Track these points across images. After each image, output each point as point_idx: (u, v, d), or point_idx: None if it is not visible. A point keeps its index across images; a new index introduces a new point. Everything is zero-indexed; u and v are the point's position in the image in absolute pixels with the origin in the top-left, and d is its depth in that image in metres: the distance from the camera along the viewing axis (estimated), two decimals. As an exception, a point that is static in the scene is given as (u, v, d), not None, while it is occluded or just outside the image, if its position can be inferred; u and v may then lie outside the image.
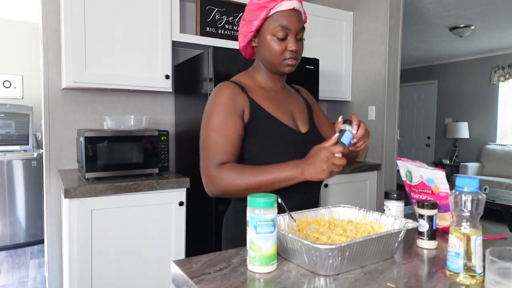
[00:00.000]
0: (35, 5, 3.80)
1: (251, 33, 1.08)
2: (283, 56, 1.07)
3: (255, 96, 1.10)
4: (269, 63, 1.09)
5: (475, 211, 0.75)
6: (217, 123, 1.03)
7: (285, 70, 1.09)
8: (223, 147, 1.01)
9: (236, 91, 1.07)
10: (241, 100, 1.06)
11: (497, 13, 4.19)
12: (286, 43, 1.06)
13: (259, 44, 1.09)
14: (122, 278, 1.92)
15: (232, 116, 1.03)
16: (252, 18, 1.06)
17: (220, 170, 0.99)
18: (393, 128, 2.92)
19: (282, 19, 1.04)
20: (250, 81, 1.14)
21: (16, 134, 3.79)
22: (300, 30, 1.08)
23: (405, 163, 1.15)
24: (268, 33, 1.05)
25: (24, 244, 3.73)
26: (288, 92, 1.21)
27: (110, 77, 2.12)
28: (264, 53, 1.09)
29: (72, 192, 1.75)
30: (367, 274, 0.78)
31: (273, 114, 1.10)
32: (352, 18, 3.11)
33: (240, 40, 1.13)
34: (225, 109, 1.03)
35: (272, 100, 1.13)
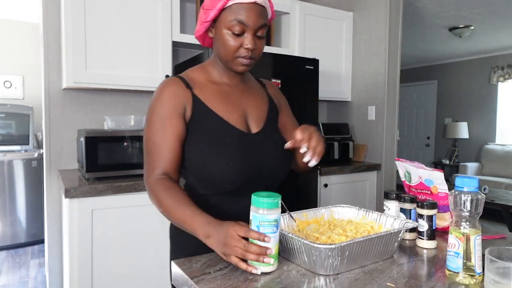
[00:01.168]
0: (36, 5, 3.80)
1: (207, 23, 0.98)
2: (238, 54, 0.97)
3: (202, 92, 1.01)
4: (222, 58, 1.00)
5: (475, 211, 0.75)
6: (157, 124, 0.97)
7: (238, 69, 1.00)
8: (162, 152, 0.96)
9: (178, 88, 0.99)
10: (183, 97, 0.98)
11: (496, 13, 4.19)
12: (242, 39, 0.96)
13: (215, 36, 1.00)
14: (122, 277, 1.92)
15: (172, 117, 0.97)
16: (209, 7, 0.96)
17: (154, 184, 0.95)
18: (392, 128, 2.92)
19: (239, 13, 0.93)
20: (201, 75, 1.05)
21: (16, 134, 3.79)
22: (261, 27, 0.96)
23: (404, 164, 1.15)
24: (224, 26, 0.95)
25: (25, 244, 3.73)
26: (246, 88, 1.10)
27: (111, 77, 2.13)
28: (218, 47, 0.99)
29: (72, 192, 1.75)
30: (367, 273, 0.78)
31: (217, 112, 1.00)
32: (352, 18, 3.11)
33: (197, 28, 1.03)
34: (165, 109, 0.97)
35: (222, 97, 1.03)
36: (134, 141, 2.05)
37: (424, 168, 1.07)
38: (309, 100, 2.47)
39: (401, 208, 1.05)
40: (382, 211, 1.09)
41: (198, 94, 1.01)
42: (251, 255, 0.75)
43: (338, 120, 3.31)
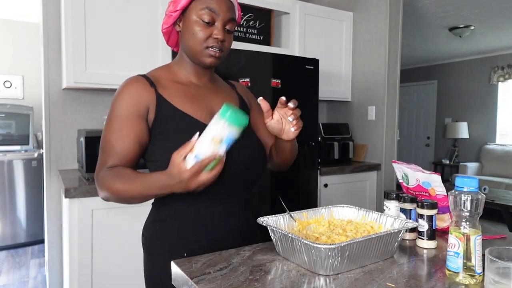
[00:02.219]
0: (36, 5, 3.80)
1: (176, 12, 0.96)
2: (206, 44, 0.95)
3: (166, 91, 0.98)
4: (190, 50, 0.97)
5: (475, 211, 0.75)
6: (115, 124, 0.94)
7: (206, 62, 0.97)
8: (116, 151, 0.93)
9: (141, 86, 0.95)
10: (145, 97, 0.94)
11: (496, 13, 4.19)
12: (212, 29, 0.94)
13: (183, 28, 0.97)
14: (122, 277, 1.92)
15: (131, 118, 0.93)
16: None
17: (104, 174, 0.91)
18: (392, 128, 2.92)
19: (210, 2, 0.93)
20: (166, 74, 1.02)
21: (16, 134, 3.79)
22: (230, 21, 0.96)
23: (401, 166, 1.15)
24: (194, 14, 0.94)
25: (25, 244, 3.73)
26: (215, 88, 1.07)
27: (111, 77, 2.13)
28: (186, 38, 0.97)
29: (72, 192, 1.75)
30: (367, 274, 0.78)
31: (184, 110, 0.97)
32: (352, 19, 3.11)
33: (164, 21, 1.01)
34: (125, 109, 0.94)
35: (188, 96, 0.99)
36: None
37: (421, 171, 1.07)
38: (309, 100, 2.47)
39: (401, 208, 1.05)
40: (382, 211, 1.09)
41: (162, 93, 0.97)
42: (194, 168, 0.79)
43: (338, 120, 3.31)
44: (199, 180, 0.81)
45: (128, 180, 0.89)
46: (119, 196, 0.90)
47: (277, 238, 0.87)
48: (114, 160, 0.93)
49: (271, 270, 0.80)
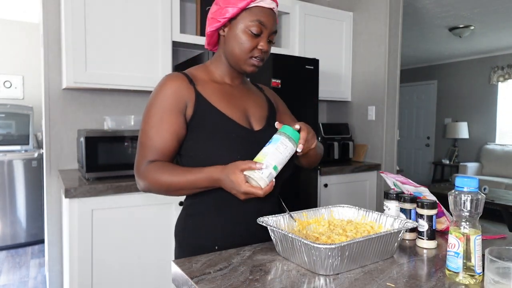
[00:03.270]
0: (36, 5, 3.80)
1: (224, 19, 0.99)
2: (251, 54, 1.00)
3: (204, 90, 1.02)
4: (234, 57, 1.02)
5: (475, 211, 0.75)
6: (154, 118, 0.97)
7: (248, 70, 1.03)
8: (155, 145, 0.97)
9: (181, 83, 0.99)
10: (185, 93, 0.99)
11: (496, 13, 4.19)
12: (258, 40, 1.00)
13: (229, 35, 1.01)
14: (122, 277, 1.92)
15: (171, 113, 0.97)
16: (228, 5, 0.98)
17: (147, 168, 0.96)
18: (392, 128, 2.92)
19: (261, 15, 0.98)
20: (203, 74, 1.07)
21: (16, 134, 3.79)
22: (274, 32, 1.02)
23: (389, 177, 1.15)
24: (243, 25, 0.98)
25: (25, 244, 3.73)
26: (246, 89, 1.13)
27: (111, 77, 2.13)
28: (232, 46, 1.01)
29: (72, 192, 1.75)
30: (367, 273, 0.78)
31: (221, 109, 1.01)
32: (352, 19, 3.11)
33: (209, 24, 1.04)
34: (165, 104, 0.97)
35: (224, 96, 1.04)
36: (134, 141, 2.05)
37: (410, 183, 1.07)
38: (309, 100, 2.47)
39: (401, 208, 1.05)
40: (382, 211, 1.09)
41: (201, 90, 1.01)
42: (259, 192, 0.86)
43: (338, 120, 3.31)
44: (249, 197, 0.88)
45: (177, 173, 0.93)
46: (168, 188, 0.94)
47: (277, 238, 0.87)
48: (153, 154, 0.97)
49: (271, 270, 0.80)
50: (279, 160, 0.88)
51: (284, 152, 0.89)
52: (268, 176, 0.86)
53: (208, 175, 0.91)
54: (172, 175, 0.93)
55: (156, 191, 0.96)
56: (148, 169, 0.95)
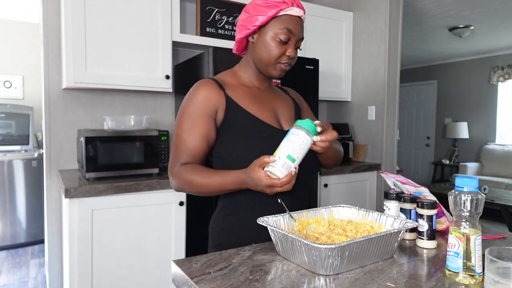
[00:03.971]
0: (36, 5, 3.80)
1: (254, 27, 1.05)
2: (279, 60, 1.06)
3: (234, 93, 1.08)
4: (262, 62, 1.07)
5: (475, 211, 0.75)
6: (186, 123, 1.04)
7: (275, 74, 1.09)
8: (188, 147, 1.03)
9: (211, 89, 1.05)
10: (215, 98, 1.04)
11: (496, 13, 4.19)
12: (286, 47, 1.05)
13: (258, 41, 1.07)
14: (122, 277, 1.92)
15: (202, 116, 1.03)
16: (259, 13, 1.03)
17: (180, 169, 1.02)
18: (392, 128, 2.92)
19: (289, 23, 1.04)
20: (232, 79, 1.12)
21: (16, 134, 3.79)
22: (301, 39, 1.08)
23: (389, 177, 1.15)
24: (272, 32, 1.04)
25: (25, 244, 3.73)
26: (273, 91, 1.20)
27: (111, 77, 2.13)
28: (260, 52, 1.06)
29: (72, 192, 1.75)
30: (367, 273, 0.78)
31: (251, 112, 1.07)
32: (352, 19, 3.11)
33: (238, 30, 1.09)
34: (196, 109, 1.03)
35: (253, 98, 1.10)
36: (134, 141, 2.05)
37: (410, 183, 1.08)
38: (309, 100, 2.47)
39: (401, 208, 1.05)
40: (382, 211, 1.09)
41: (231, 95, 1.07)
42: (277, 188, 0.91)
43: (338, 120, 3.31)
44: (274, 190, 0.92)
45: (208, 176, 0.99)
46: (198, 189, 1.00)
47: (277, 238, 0.87)
48: (186, 156, 1.04)
49: (271, 270, 0.80)
50: (293, 149, 0.91)
51: (296, 141, 0.92)
52: (283, 165, 0.90)
53: (234, 178, 0.97)
54: (203, 177, 0.99)
55: (188, 190, 1.03)
56: (181, 171, 1.02)
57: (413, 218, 1.03)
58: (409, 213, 1.04)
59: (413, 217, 1.04)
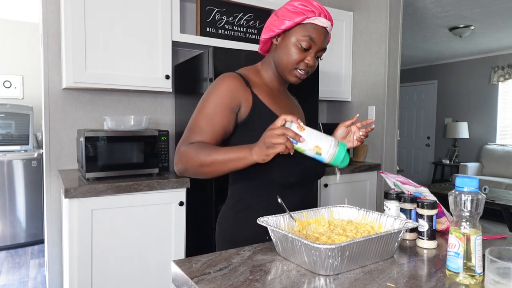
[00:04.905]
0: (36, 5, 3.80)
1: (279, 30, 1.08)
2: (297, 66, 1.08)
3: (259, 92, 1.10)
4: (281, 66, 1.10)
5: (475, 211, 0.75)
6: (208, 109, 1.03)
7: (291, 80, 1.11)
8: (203, 133, 1.02)
9: (239, 84, 1.06)
10: (241, 94, 1.06)
11: (496, 13, 4.19)
12: (306, 54, 1.07)
13: (280, 44, 1.10)
14: (122, 277, 1.92)
15: (224, 108, 1.03)
16: (285, 18, 1.06)
17: (188, 147, 1.00)
18: (393, 128, 2.92)
19: (312, 31, 1.06)
20: (256, 76, 1.15)
21: (16, 134, 3.79)
22: (322, 50, 1.10)
23: (390, 177, 1.15)
24: (295, 38, 1.06)
25: (25, 244, 3.73)
26: (289, 95, 1.25)
27: (110, 77, 2.13)
28: (281, 55, 1.09)
29: (72, 192, 1.75)
30: (367, 274, 0.78)
31: (276, 112, 1.10)
32: (352, 18, 3.11)
33: (265, 31, 1.13)
34: (220, 99, 1.03)
35: (275, 99, 1.13)
36: (134, 141, 2.05)
37: (410, 183, 1.08)
38: (309, 100, 2.47)
39: (401, 208, 1.05)
40: (382, 211, 1.09)
41: (257, 93, 1.09)
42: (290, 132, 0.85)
43: (338, 120, 3.31)
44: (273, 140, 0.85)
45: (211, 148, 0.97)
46: (201, 163, 0.96)
47: (277, 238, 0.87)
48: (199, 138, 1.02)
49: (271, 270, 0.80)
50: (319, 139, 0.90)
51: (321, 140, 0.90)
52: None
53: (239, 147, 0.94)
54: (207, 151, 0.96)
55: (191, 168, 0.98)
56: (188, 148, 0.99)
57: (413, 218, 1.03)
58: (409, 213, 1.04)
59: (413, 217, 1.03)
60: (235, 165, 0.94)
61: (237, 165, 0.94)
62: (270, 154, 0.87)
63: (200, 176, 1.00)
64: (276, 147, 0.85)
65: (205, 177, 1.00)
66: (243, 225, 1.10)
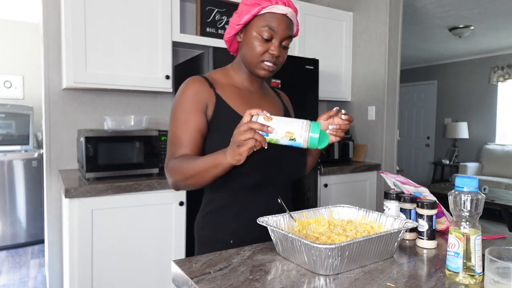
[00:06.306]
0: (36, 5, 3.80)
1: (239, 26, 1.06)
2: (262, 58, 1.04)
3: (224, 93, 1.08)
4: (247, 61, 1.07)
5: (475, 211, 0.75)
6: (180, 120, 1.03)
7: (260, 73, 1.07)
8: (183, 142, 1.02)
9: (201, 85, 1.06)
10: (205, 95, 1.05)
11: (496, 14, 4.19)
12: (269, 45, 1.04)
13: (243, 40, 1.07)
14: (122, 277, 1.92)
15: (195, 112, 1.03)
16: (243, 12, 1.04)
17: (173, 162, 1.00)
18: (392, 128, 2.92)
19: (271, 20, 1.02)
20: (223, 77, 1.12)
21: (16, 134, 3.79)
22: (287, 38, 1.05)
23: (389, 177, 1.15)
24: (254, 30, 1.03)
25: (25, 244, 3.73)
26: (265, 93, 1.19)
27: (111, 77, 2.13)
28: (245, 50, 1.07)
29: (72, 192, 1.75)
30: (367, 273, 0.78)
31: (239, 112, 1.07)
32: (352, 19, 3.11)
33: (227, 31, 1.11)
34: (188, 105, 1.03)
35: (243, 99, 1.10)
36: (134, 141, 2.05)
37: (410, 183, 1.08)
38: (309, 100, 2.47)
39: (401, 208, 1.05)
40: (382, 211, 1.09)
41: (221, 93, 1.07)
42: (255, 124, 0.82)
43: (338, 120, 3.31)
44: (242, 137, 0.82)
45: (192, 160, 0.96)
46: (185, 176, 0.96)
47: (277, 238, 0.87)
48: (182, 150, 1.02)
49: (271, 270, 0.80)
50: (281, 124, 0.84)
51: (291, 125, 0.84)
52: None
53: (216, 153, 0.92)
54: (189, 163, 0.96)
55: (181, 182, 0.98)
56: (174, 163, 1.00)
57: (413, 218, 1.04)
58: (409, 213, 1.04)
59: (413, 217, 1.04)
60: (214, 172, 0.92)
61: (216, 172, 0.92)
62: (242, 153, 0.84)
63: (191, 188, 1.00)
64: (246, 143, 0.82)
65: (196, 188, 1.00)
66: (209, 228, 1.09)
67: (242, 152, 0.83)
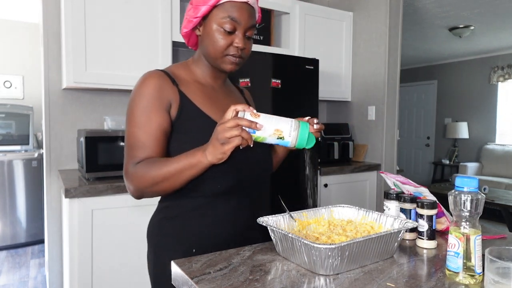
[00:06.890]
0: (36, 5, 3.80)
1: (196, 19, 0.96)
2: (227, 52, 0.95)
3: (187, 90, 0.98)
4: (210, 56, 0.98)
5: (475, 211, 0.75)
6: (141, 118, 0.92)
7: (226, 68, 0.98)
8: (145, 145, 0.91)
9: (164, 82, 0.95)
10: (169, 92, 0.95)
11: (496, 14, 4.19)
12: (232, 37, 0.95)
13: (203, 34, 0.97)
14: (122, 277, 1.92)
15: (157, 110, 0.92)
16: (200, 3, 0.95)
17: (135, 168, 0.90)
18: (392, 128, 2.92)
19: (232, 10, 0.93)
20: (185, 73, 1.03)
21: (16, 134, 3.79)
22: (251, 28, 0.96)
23: (389, 177, 1.15)
24: (215, 22, 0.94)
25: (25, 244, 3.73)
26: (228, 90, 1.11)
27: (111, 77, 2.13)
28: (206, 45, 0.97)
29: (72, 192, 1.75)
30: (367, 273, 0.78)
31: (206, 111, 0.98)
32: (352, 19, 3.11)
33: (184, 25, 1.01)
34: (149, 103, 0.92)
35: (207, 96, 1.01)
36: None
37: (410, 183, 1.07)
38: (309, 100, 2.48)
39: (401, 208, 1.05)
40: (382, 211, 1.09)
41: (185, 91, 0.98)
42: (243, 121, 0.77)
43: (338, 120, 3.31)
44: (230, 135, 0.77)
45: (160, 163, 0.87)
46: (154, 181, 0.87)
47: (277, 238, 0.87)
48: (144, 153, 0.92)
49: (271, 270, 0.80)
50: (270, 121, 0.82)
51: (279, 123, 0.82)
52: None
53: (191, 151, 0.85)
54: (158, 167, 0.87)
55: (148, 190, 0.90)
56: (136, 169, 0.90)
57: (413, 218, 1.04)
58: (409, 213, 1.04)
59: (413, 217, 1.04)
60: (190, 173, 0.85)
61: (192, 173, 0.85)
62: (227, 151, 0.78)
63: (158, 194, 0.91)
64: (232, 141, 0.77)
65: (164, 193, 0.92)
66: (167, 234, 0.99)
67: (227, 150, 0.78)
